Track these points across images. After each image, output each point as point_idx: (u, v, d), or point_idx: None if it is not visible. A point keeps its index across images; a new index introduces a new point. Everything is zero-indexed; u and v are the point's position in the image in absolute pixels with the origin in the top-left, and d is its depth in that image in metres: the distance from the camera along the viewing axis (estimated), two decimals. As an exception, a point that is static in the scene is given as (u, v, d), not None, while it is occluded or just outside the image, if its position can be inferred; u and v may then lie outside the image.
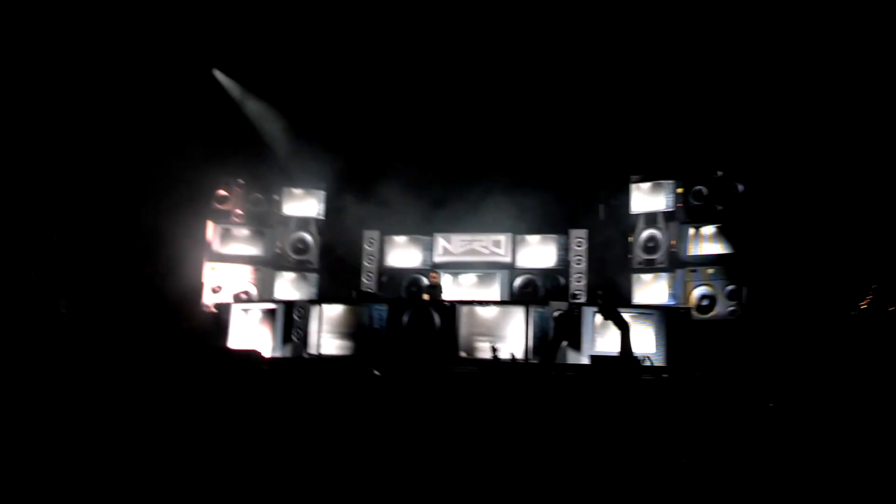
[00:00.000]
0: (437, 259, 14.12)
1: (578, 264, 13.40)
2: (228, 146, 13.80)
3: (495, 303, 11.91)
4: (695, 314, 11.92)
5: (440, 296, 12.49)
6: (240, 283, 13.44)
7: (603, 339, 10.72)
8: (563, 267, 13.60)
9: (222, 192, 13.72)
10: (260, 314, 11.74)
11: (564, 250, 13.65)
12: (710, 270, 12.38)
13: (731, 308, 12.03)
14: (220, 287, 13.27)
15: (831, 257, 11.28)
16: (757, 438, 6.62)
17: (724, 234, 12.51)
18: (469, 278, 13.87)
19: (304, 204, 14.27)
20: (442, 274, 13.45)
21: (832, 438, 6.68)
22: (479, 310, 11.29)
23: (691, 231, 12.74)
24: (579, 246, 13.42)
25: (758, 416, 7.41)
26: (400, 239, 14.37)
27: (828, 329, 10.16)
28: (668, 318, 10.78)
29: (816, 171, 11.85)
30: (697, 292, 12.33)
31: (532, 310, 11.04)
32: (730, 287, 12.12)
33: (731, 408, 7.76)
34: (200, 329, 12.34)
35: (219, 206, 13.69)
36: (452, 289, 13.52)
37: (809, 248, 11.49)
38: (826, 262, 11.30)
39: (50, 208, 12.19)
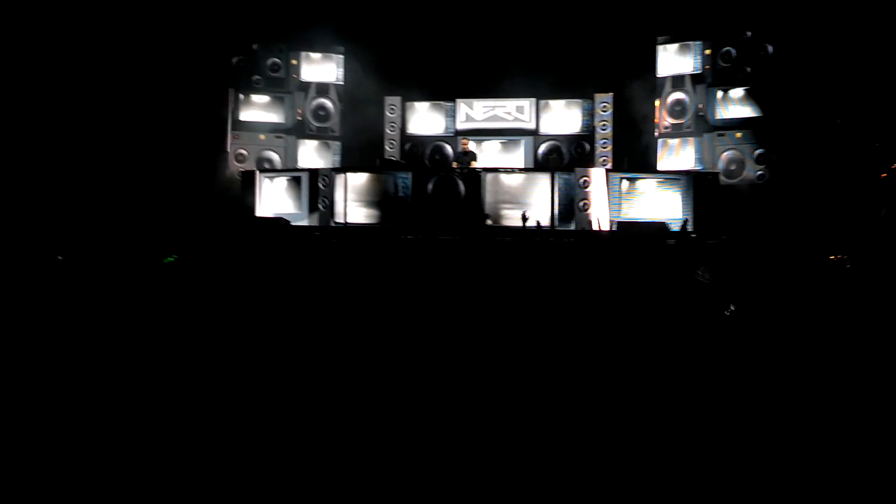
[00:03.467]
0: (460, 126, 13.96)
1: (604, 129, 13.22)
2: (240, 8, 13.38)
3: (521, 170, 11.82)
4: (723, 179, 11.80)
5: (473, 163, 12.41)
6: (263, 151, 13.36)
7: (628, 206, 10.72)
8: (589, 132, 13.42)
9: (238, 58, 13.43)
10: (285, 183, 11.75)
11: (590, 115, 13.44)
12: (739, 134, 12.18)
13: (760, 172, 11.91)
14: (244, 155, 13.20)
15: (860, 118, 11.05)
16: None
17: (752, 96, 12.24)
18: (493, 145, 13.73)
19: (323, 68, 13.94)
20: (467, 140, 13.29)
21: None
22: (503, 177, 11.23)
23: (719, 94, 12.46)
24: (604, 111, 13.20)
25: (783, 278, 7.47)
26: (421, 105, 14.17)
27: (854, 192, 10.10)
28: (696, 184, 10.71)
29: (848, 31, 11.43)
30: (725, 157, 12.20)
31: (557, 176, 10.98)
32: (758, 151, 11.96)
33: (760, 268, 7.82)
34: (227, 197, 12.39)
35: (236, 73, 13.43)
36: (477, 155, 13.40)
37: (839, 111, 11.22)
38: (854, 124, 11.07)
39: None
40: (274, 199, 11.75)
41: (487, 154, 13.62)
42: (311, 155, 13.69)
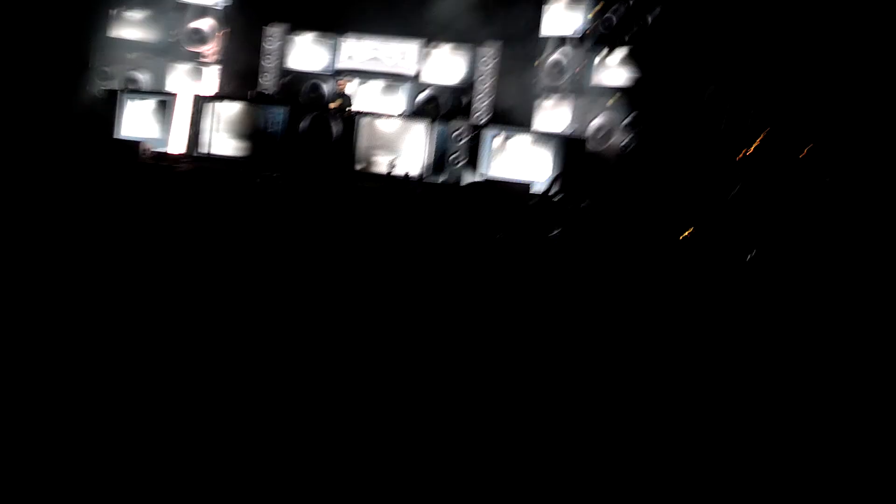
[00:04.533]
0: (340, 65, 13.61)
1: (483, 84, 13.22)
2: None
3: (397, 116, 11.75)
4: (590, 144, 12.07)
5: (349, 106, 12.18)
6: (130, 69, 12.70)
7: (498, 162, 10.88)
8: (469, 85, 13.38)
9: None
10: (151, 105, 11.28)
11: (472, 68, 13.39)
12: (610, 101, 12.45)
13: (626, 140, 12.25)
14: (109, 72, 12.53)
15: (730, 93, 11.48)
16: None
17: (630, 60, 12.48)
18: (372, 86, 13.49)
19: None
20: (348, 80, 13.03)
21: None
22: (379, 122, 11.15)
23: (597, 58, 12.67)
24: (485, 65, 13.18)
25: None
26: (304, 38, 13.70)
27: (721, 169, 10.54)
28: (565, 147, 10.97)
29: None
30: (595, 123, 12.47)
31: (434, 126, 11.00)
32: (628, 119, 12.27)
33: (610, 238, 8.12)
34: (88, 116, 11.76)
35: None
36: (354, 96, 13.18)
37: (712, 81, 11.60)
38: (724, 98, 11.50)
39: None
40: (138, 121, 11.26)
41: (366, 96, 13.39)
42: (182, 79, 13.11)
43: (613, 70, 12.61)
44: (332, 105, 12.31)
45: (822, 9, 10.99)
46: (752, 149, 9.94)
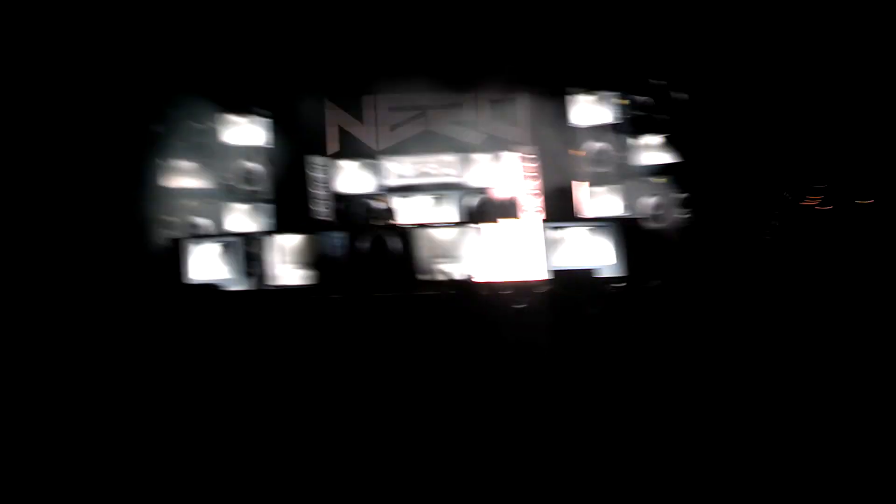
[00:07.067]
0: (389, 182, 13.95)
1: (532, 179, 13.43)
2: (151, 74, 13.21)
3: (449, 224, 11.94)
4: (648, 223, 12.13)
5: (392, 220, 12.44)
6: (190, 217, 13.10)
7: (560, 255, 10.95)
8: (515, 189, 13.57)
9: (164, 123, 13.25)
10: (216, 248, 11.59)
11: (517, 170, 13.62)
12: (660, 180, 12.59)
13: (684, 215, 12.30)
14: (172, 222, 12.94)
15: (778, 158, 11.61)
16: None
17: (670, 143, 12.71)
18: (423, 200, 13.78)
19: (248, 131, 13.85)
20: (392, 197, 13.34)
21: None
22: (434, 232, 11.34)
23: (638, 142, 12.90)
24: (531, 160, 13.43)
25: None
26: (349, 164, 14.13)
27: (778, 228, 10.58)
28: (624, 229, 11.02)
29: (759, 76, 12.06)
30: (650, 202, 12.56)
31: (487, 228, 11.19)
32: (680, 195, 12.37)
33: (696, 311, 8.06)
34: (157, 265, 12.08)
35: (155, 140, 13.22)
36: (406, 212, 13.45)
37: (757, 153, 11.76)
38: (773, 164, 11.62)
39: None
40: (205, 265, 11.55)
41: (418, 209, 13.65)
42: (240, 218, 13.51)
43: (656, 152, 12.83)
44: (378, 222, 12.49)
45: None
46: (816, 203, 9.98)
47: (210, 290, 10.70)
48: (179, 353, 7.98)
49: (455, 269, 10.81)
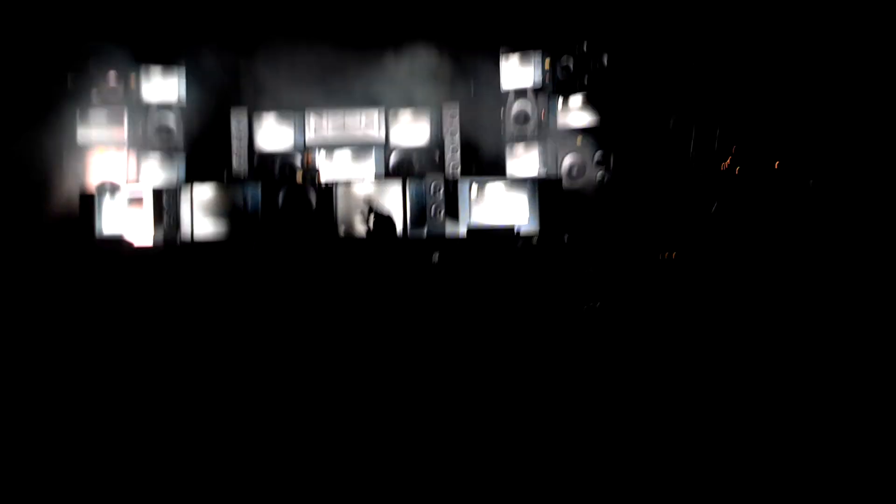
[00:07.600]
0: (309, 139, 13.74)
1: (453, 136, 13.42)
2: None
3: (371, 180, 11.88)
4: (566, 183, 12.26)
5: (316, 178, 12.28)
6: (103, 169, 12.72)
7: (478, 211, 11.02)
8: (437, 146, 13.55)
9: (75, 74, 12.80)
10: (128, 200, 11.29)
11: (438, 127, 13.58)
12: (579, 140, 12.71)
13: (601, 175, 12.46)
14: (82, 172, 12.55)
15: (691, 118, 11.83)
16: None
17: (590, 103, 12.82)
18: (343, 155, 13.62)
19: (165, 85, 13.42)
20: (316, 153, 13.17)
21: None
22: (355, 187, 11.27)
23: (559, 102, 12.99)
24: (453, 118, 13.41)
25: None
26: (269, 118, 13.85)
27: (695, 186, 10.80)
28: (541, 188, 11.14)
29: (677, 39, 12.23)
30: (567, 161, 12.69)
31: (409, 182, 11.14)
32: (598, 154, 12.51)
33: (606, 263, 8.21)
34: (66, 218, 11.73)
35: (73, 89, 12.78)
36: (327, 167, 13.29)
37: (672, 112, 11.95)
38: (686, 123, 11.83)
39: None
40: (118, 217, 11.26)
41: (339, 165, 13.50)
42: (153, 170, 13.13)
43: (576, 113, 12.93)
44: (300, 177, 12.35)
45: (766, 28, 11.45)
46: (725, 164, 10.20)
47: (122, 243, 10.46)
48: (91, 308, 7.81)
49: (373, 224, 10.77)
